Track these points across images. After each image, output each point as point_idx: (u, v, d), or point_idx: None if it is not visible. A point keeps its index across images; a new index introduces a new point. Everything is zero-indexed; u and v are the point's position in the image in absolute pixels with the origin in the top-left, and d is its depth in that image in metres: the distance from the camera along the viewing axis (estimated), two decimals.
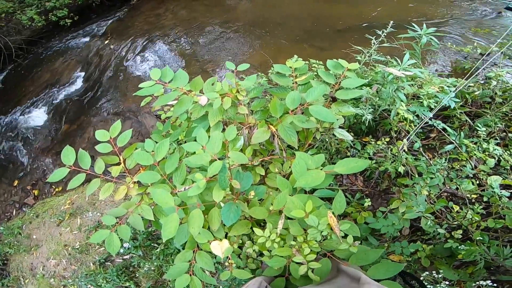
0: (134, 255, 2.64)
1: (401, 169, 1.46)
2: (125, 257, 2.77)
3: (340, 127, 1.32)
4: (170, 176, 1.24)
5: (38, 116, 5.51)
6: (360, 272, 0.87)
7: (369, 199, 1.54)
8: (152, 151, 1.27)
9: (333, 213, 0.91)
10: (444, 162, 1.49)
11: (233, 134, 1.14)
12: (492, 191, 1.42)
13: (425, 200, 1.52)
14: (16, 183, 4.75)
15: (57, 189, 4.35)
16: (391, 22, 1.66)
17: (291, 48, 4.52)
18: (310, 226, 0.89)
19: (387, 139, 1.59)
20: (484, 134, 1.54)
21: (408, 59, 1.61)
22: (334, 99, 1.39)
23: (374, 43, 1.73)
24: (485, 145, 1.48)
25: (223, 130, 1.28)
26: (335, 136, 1.25)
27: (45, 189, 4.40)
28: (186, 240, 1.09)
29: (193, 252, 1.15)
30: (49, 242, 3.50)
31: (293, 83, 1.43)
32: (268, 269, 1.11)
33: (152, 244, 2.64)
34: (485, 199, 1.51)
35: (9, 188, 4.69)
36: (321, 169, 1.00)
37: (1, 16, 6.96)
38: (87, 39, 6.74)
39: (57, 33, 7.43)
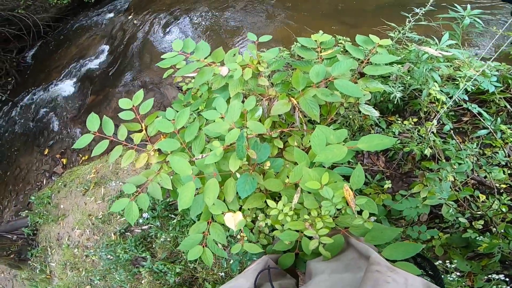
0: (152, 225, 2.73)
1: (427, 151, 1.39)
2: (143, 227, 2.87)
3: (365, 103, 1.26)
4: (189, 145, 1.26)
5: (66, 88, 5.77)
6: (372, 250, 0.85)
7: (389, 181, 1.48)
8: (173, 119, 1.28)
9: (350, 187, 0.89)
10: (476, 148, 1.40)
11: (252, 104, 1.12)
12: None
13: (450, 187, 1.45)
14: (46, 151, 5.04)
15: (83, 158, 4.56)
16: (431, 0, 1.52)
17: (317, 23, 4.31)
18: (325, 199, 0.87)
19: (415, 120, 1.50)
20: None
21: (447, 40, 1.49)
22: (362, 75, 1.32)
23: (409, 20, 1.60)
24: None
25: (243, 101, 1.26)
26: (360, 112, 1.19)
27: (72, 158, 4.64)
28: (201, 211, 1.11)
29: (207, 223, 1.17)
30: (75, 211, 3.68)
31: (317, 58, 1.36)
32: (278, 243, 1.11)
33: (170, 215, 2.72)
34: None
35: (40, 157, 5.00)
36: (343, 145, 0.96)
37: None
38: (111, 14, 6.82)
39: (82, 10, 7.58)
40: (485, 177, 1.51)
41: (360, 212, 0.89)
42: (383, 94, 1.53)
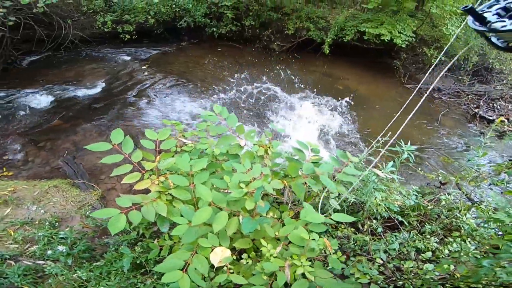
0: (59, 261, 2.42)
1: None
2: (39, 261, 2.50)
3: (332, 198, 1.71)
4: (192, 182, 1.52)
5: (40, 102, 5.61)
6: None
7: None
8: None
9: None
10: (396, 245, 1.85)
11: (267, 171, 1.51)
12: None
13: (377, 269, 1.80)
14: None
15: (7, 173, 4.13)
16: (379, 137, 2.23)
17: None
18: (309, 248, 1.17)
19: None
20: (428, 234, 1.96)
21: (391, 166, 2.11)
22: (333, 177, 1.81)
23: (372, 147, 2.27)
24: (426, 240, 1.88)
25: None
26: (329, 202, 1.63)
27: None
28: (194, 239, 1.30)
29: (191, 254, 1.33)
30: None
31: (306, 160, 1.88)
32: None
33: (91, 257, 2.50)
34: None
35: None
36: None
37: (87, 11, 7.70)
38: (128, 58, 7.48)
39: (109, 42, 8.12)
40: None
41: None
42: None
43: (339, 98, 5.84)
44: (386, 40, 6.44)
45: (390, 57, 7.71)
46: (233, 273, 1.23)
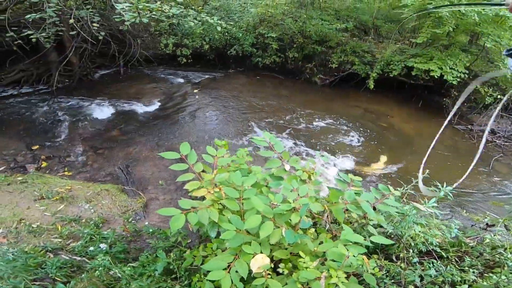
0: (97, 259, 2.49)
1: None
2: (75, 257, 2.67)
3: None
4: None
5: (104, 113, 6.39)
6: None
7: None
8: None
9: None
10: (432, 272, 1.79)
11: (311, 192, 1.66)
12: None
13: None
14: (36, 147, 5.09)
15: (66, 172, 4.60)
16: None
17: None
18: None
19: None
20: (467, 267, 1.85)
21: (433, 202, 2.09)
22: (374, 208, 1.87)
23: (406, 188, 2.28)
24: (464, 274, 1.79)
25: None
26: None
27: (54, 167, 4.67)
28: (240, 244, 1.46)
29: (234, 258, 1.49)
30: (7, 208, 3.38)
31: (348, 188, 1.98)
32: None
33: (126, 259, 2.62)
34: None
35: (23, 148, 5.05)
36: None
37: (154, 32, 8.72)
38: (182, 80, 8.29)
39: (167, 64, 9.02)
40: None
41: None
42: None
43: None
44: (436, 76, 6.28)
45: (439, 95, 7.42)
46: (270, 277, 1.35)
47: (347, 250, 1.31)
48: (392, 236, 2.15)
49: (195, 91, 7.59)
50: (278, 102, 7.21)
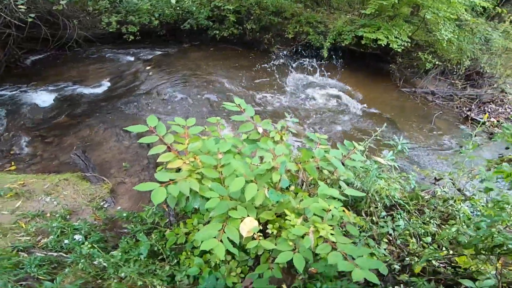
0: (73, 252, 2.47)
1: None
2: (51, 252, 2.57)
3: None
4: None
5: (46, 99, 5.74)
6: None
7: None
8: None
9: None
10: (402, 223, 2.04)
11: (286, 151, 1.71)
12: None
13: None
14: None
15: (12, 167, 4.21)
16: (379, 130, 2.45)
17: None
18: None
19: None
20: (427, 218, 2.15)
21: (391, 155, 2.32)
22: (342, 163, 2.01)
23: (366, 141, 2.48)
24: (426, 226, 2.07)
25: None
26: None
27: None
28: (225, 211, 1.47)
29: (222, 225, 1.50)
30: None
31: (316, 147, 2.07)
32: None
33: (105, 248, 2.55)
34: None
35: None
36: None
37: (91, 11, 7.77)
38: (131, 58, 7.62)
39: (113, 43, 8.21)
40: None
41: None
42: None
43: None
44: (383, 45, 6.70)
45: (386, 62, 7.98)
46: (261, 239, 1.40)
47: (328, 204, 1.39)
48: (360, 190, 2.35)
49: (148, 68, 7.07)
50: (241, 73, 7.08)
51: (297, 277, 1.63)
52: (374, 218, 2.09)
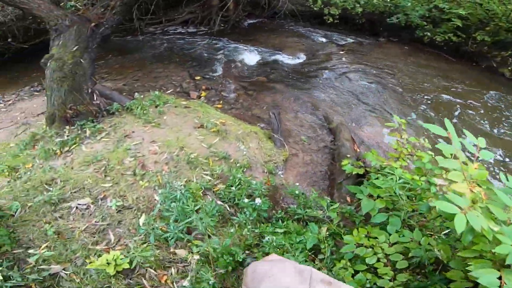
0: None
1: None
2: None
3: None
4: None
5: (252, 58, 6.67)
6: None
7: None
8: None
9: None
10: None
11: None
12: None
13: None
14: (198, 78, 5.66)
15: (219, 105, 4.85)
16: None
17: None
18: None
19: None
20: None
21: None
22: None
23: None
24: None
25: None
26: None
27: (211, 98, 5.07)
28: None
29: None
30: (173, 131, 3.59)
31: None
32: None
33: None
34: None
35: (187, 77, 5.67)
36: None
37: None
38: (324, 40, 7.75)
39: (309, 21, 8.63)
40: None
41: None
42: None
43: None
44: None
45: None
46: None
47: None
48: None
49: (341, 52, 7.01)
50: (446, 86, 5.86)
51: None
52: None
